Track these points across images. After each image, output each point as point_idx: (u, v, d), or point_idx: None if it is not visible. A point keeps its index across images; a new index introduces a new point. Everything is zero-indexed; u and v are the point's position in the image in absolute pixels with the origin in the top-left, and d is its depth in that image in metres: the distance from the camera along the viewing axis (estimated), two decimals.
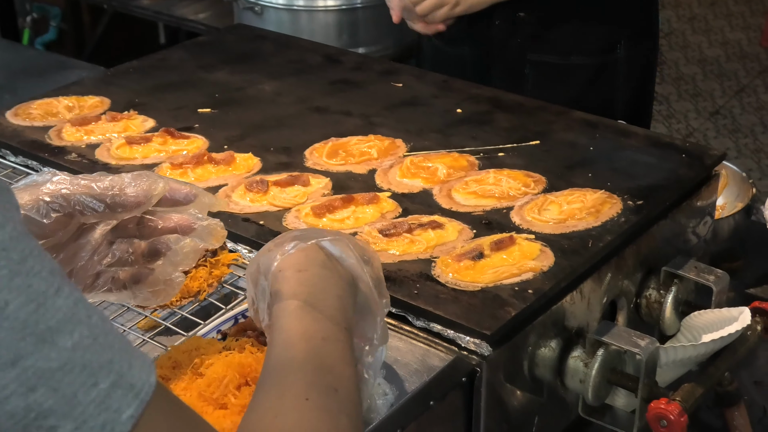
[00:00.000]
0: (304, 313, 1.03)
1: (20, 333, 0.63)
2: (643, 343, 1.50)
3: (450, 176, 1.77)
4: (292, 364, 0.97)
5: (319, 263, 1.10)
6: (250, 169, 1.82)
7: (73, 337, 0.66)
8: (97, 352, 0.66)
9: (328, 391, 0.96)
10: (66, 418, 0.64)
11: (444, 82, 2.19)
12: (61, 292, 0.67)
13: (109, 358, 0.67)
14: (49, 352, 0.64)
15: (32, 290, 0.65)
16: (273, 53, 2.35)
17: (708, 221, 1.86)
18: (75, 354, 0.65)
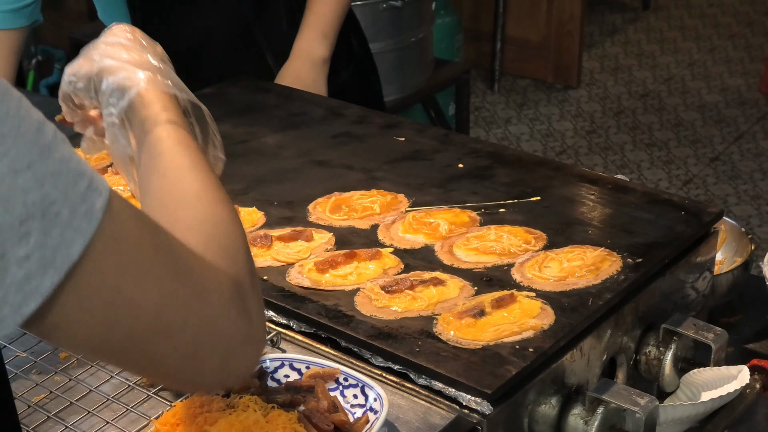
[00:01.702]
0: (177, 129, 1.29)
1: (30, 145, 0.86)
2: (642, 402, 1.51)
3: (452, 232, 1.80)
4: (181, 169, 1.24)
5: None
6: (254, 223, 1.84)
7: (60, 150, 0.88)
8: (76, 163, 0.89)
9: (216, 184, 1.22)
10: (64, 204, 0.87)
11: (445, 135, 2.22)
12: (46, 121, 0.89)
13: (83, 169, 0.90)
14: (48, 161, 0.87)
15: (32, 118, 0.88)
16: (275, 105, 2.37)
17: (707, 277, 1.88)
18: (63, 163, 0.88)
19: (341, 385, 1.44)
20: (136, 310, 0.95)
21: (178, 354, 1.01)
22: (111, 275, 0.92)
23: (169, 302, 0.98)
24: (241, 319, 1.07)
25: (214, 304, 1.04)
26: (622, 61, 6.71)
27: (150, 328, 0.97)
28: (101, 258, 0.91)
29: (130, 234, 0.95)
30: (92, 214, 0.89)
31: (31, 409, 1.45)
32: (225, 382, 1.21)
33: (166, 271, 0.98)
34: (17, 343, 1.58)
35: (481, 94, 6.24)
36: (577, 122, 5.92)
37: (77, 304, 0.91)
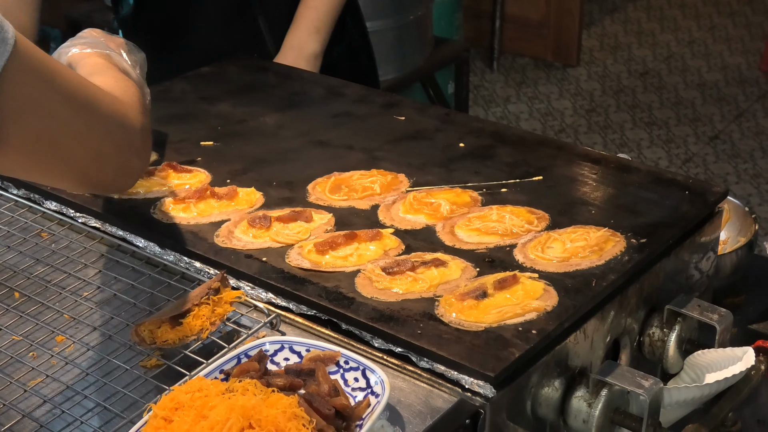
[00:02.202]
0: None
1: None
2: (647, 384, 1.49)
3: (453, 212, 1.77)
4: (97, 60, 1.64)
5: None
6: (253, 204, 1.82)
7: None
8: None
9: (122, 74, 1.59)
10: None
11: (446, 115, 2.20)
12: None
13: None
14: None
15: None
16: (275, 85, 2.35)
17: (711, 257, 1.86)
18: None
19: (342, 368, 1.41)
20: (54, 120, 1.24)
21: (87, 153, 1.33)
22: (28, 86, 1.18)
23: (76, 109, 1.28)
24: (128, 127, 1.41)
25: (109, 115, 1.36)
26: (622, 40, 6.68)
27: (63, 128, 1.26)
28: (17, 73, 1.15)
29: (37, 58, 1.20)
30: (6, 40, 1.13)
31: (27, 393, 1.43)
32: (122, 177, 1.47)
33: (72, 85, 1.27)
34: (12, 326, 1.56)
35: (480, 72, 6.22)
36: (576, 101, 5.90)
37: (8, 116, 1.16)
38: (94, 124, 1.32)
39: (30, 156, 1.25)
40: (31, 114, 1.20)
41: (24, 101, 1.18)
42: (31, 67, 1.19)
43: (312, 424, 1.27)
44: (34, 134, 1.21)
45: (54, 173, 1.34)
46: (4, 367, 1.48)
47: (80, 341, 1.53)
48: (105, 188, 1.56)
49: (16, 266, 1.71)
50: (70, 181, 1.41)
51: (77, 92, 1.29)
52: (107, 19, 4.46)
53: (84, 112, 1.29)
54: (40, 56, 1.21)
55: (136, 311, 1.59)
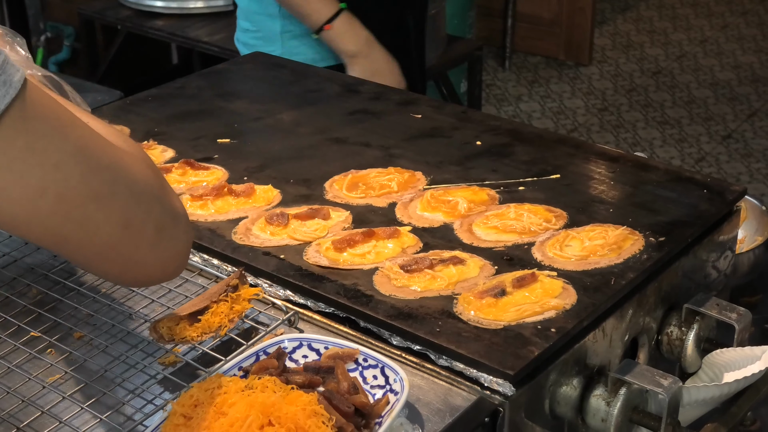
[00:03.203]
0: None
1: None
2: (666, 383, 1.49)
3: (471, 210, 1.77)
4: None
5: None
6: (270, 201, 1.82)
7: None
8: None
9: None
10: None
11: (463, 113, 2.19)
12: None
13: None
14: None
15: None
16: (291, 82, 2.35)
17: (729, 256, 1.85)
18: None
19: (361, 366, 1.41)
20: (62, 174, 1.07)
21: (111, 222, 1.13)
22: (31, 137, 1.04)
23: (94, 167, 1.10)
24: (164, 194, 1.20)
25: (136, 175, 1.16)
26: (634, 38, 6.67)
27: (79, 192, 1.09)
28: (19, 122, 1.02)
29: (48, 107, 1.07)
30: (10, 83, 1.01)
31: (46, 390, 1.43)
32: (162, 258, 1.22)
33: (88, 140, 1.10)
34: (31, 322, 1.56)
35: (492, 71, 6.21)
36: (588, 100, 5.89)
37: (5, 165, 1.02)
38: (119, 188, 1.13)
39: (33, 213, 1.08)
40: (32, 164, 1.05)
41: (23, 149, 1.04)
42: (37, 114, 1.05)
43: (332, 421, 1.27)
44: (35, 187, 1.06)
45: (69, 241, 1.14)
46: (23, 364, 1.48)
47: (98, 338, 1.53)
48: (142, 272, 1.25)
49: (33, 263, 1.71)
50: (93, 256, 1.18)
51: (98, 149, 1.12)
52: (120, 16, 4.47)
53: (106, 172, 1.12)
54: (53, 105, 1.09)
55: (155, 308, 1.59)
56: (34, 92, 1.06)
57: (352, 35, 2.61)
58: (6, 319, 1.57)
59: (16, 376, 1.46)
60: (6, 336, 1.54)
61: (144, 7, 4.43)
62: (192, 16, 4.39)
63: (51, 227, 1.10)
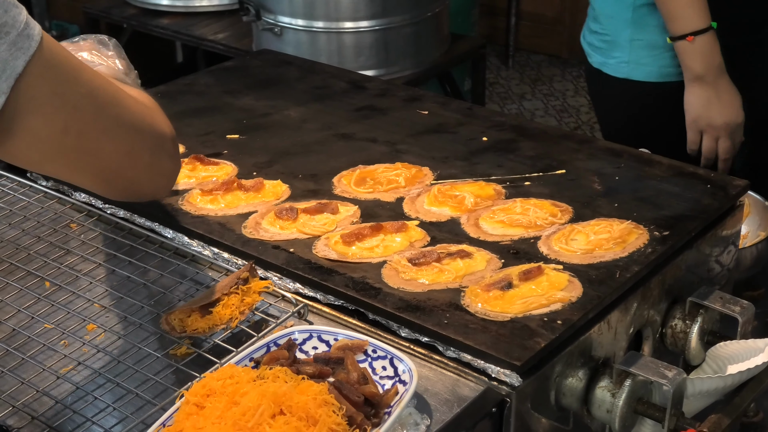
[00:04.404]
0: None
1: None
2: (670, 374, 1.51)
3: (477, 205, 1.79)
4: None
5: None
6: (279, 196, 1.84)
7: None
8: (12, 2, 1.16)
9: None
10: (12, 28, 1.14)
11: (468, 109, 2.21)
12: None
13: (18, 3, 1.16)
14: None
15: None
16: (298, 79, 2.37)
17: (732, 250, 1.87)
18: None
19: (370, 357, 1.43)
20: (80, 113, 1.24)
21: (118, 151, 1.32)
22: (54, 82, 1.20)
23: (106, 104, 1.28)
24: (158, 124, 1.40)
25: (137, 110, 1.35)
26: None
27: (94, 128, 1.27)
28: (43, 69, 1.18)
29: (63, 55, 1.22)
30: (32, 36, 1.16)
31: (59, 381, 1.45)
32: (155, 178, 1.44)
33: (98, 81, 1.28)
34: (43, 314, 1.58)
35: (495, 69, 6.22)
36: None
37: (33, 110, 1.18)
38: (122, 121, 1.32)
39: (58, 149, 1.26)
40: (57, 107, 1.21)
41: (49, 94, 1.20)
42: (55, 62, 1.21)
43: (342, 410, 1.29)
44: (60, 126, 1.22)
45: (84, 170, 1.33)
46: (37, 355, 1.50)
47: (111, 329, 1.55)
48: (139, 190, 1.46)
49: (46, 256, 1.73)
50: (102, 180, 1.38)
51: (103, 89, 1.29)
52: (126, 15, 4.48)
53: (111, 108, 1.30)
54: (66, 54, 1.23)
55: (166, 300, 1.61)
56: (50, 43, 1.20)
57: (707, 56, 2.48)
58: (19, 310, 1.60)
59: (30, 366, 1.48)
60: (20, 328, 1.56)
61: (149, 6, 4.44)
62: (197, 15, 4.40)
63: (72, 159, 1.29)
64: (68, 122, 1.23)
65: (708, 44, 2.46)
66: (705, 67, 2.48)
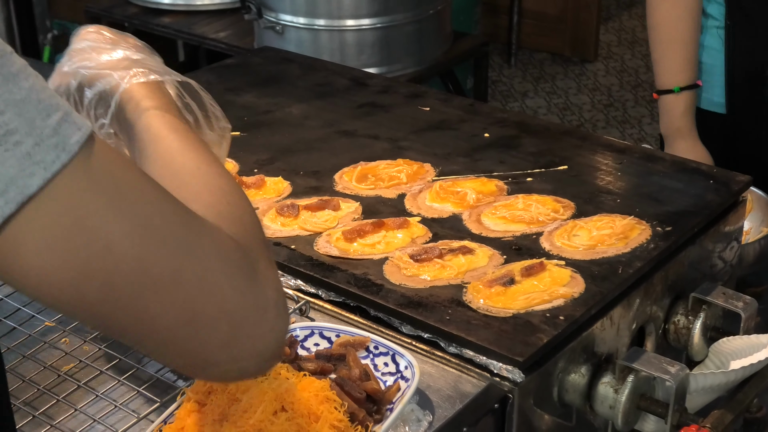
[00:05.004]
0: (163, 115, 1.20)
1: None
2: (673, 370, 1.51)
3: (479, 201, 1.79)
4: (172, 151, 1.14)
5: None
6: (281, 193, 1.84)
7: (29, 81, 0.83)
8: (48, 96, 0.85)
9: (211, 160, 1.12)
10: (28, 136, 0.82)
11: (470, 105, 2.21)
12: (15, 54, 0.85)
13: (56, 102, 0.85)
14: (12, 88, 0.82)
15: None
16: (300, 76, 2.37)
17: (735, 246, 1.87)
18: (32, 93, 0.83)
19: (372, 353, 1.43)
20: (113, 255, 0.86)
21: (172, 316, 0.90)
22: (80, 213, 0.85)
23: (154, 251, 0.88)
24: (248, 284, 0.94)
25: (212, 260, 0.92)
26: (640, 34, 6.67)
27: (132, 278, 0.88)
28: (68, 194, 0.84)
29: (110, 174, 0.88)
30: (63, 147, 0.84)
31: (60, 378, 1.45)
32: (238, 359, 0.97)
33: (153, 218, 0.89)
34: (45, 313, 1.58)
35: (497, 67, 6.22)
36: (594, 96, 5.90)
37: (44, 244, 0.84)
38: (183, 276, 0.91)
39: (79, 299, 0.89)
40: (80, 246, 0.86)
41: (71, 228, 0.85)
42: (93, 184, 0.86)
43: (344, 407, 1.29)
44: (82, 272, 0.87)
45: (119, 330, 0.93)
46: (38, 353, 1.50)
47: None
48: (215, 373, 1.04)
49: None
50: (149, 349, 0.99)
51: (161, 227, 0.90)
52: (127, 14, 4.48)
53: (169, 255, 0.90)
54: (115, 171, 0.89)
55: None
56: (98, 156, 0.87)
57: (666, 116, 2.56)
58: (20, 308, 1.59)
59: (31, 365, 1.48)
60: (21, 327, 1.56)
61: (151, 4, 4.44)
62: (198, 13, 4.40)
63: (97, 314, 0.91)
64: (92, 267, 0.87)
65: (667, 105, 2.52)
66: (665, 126, 2.57)
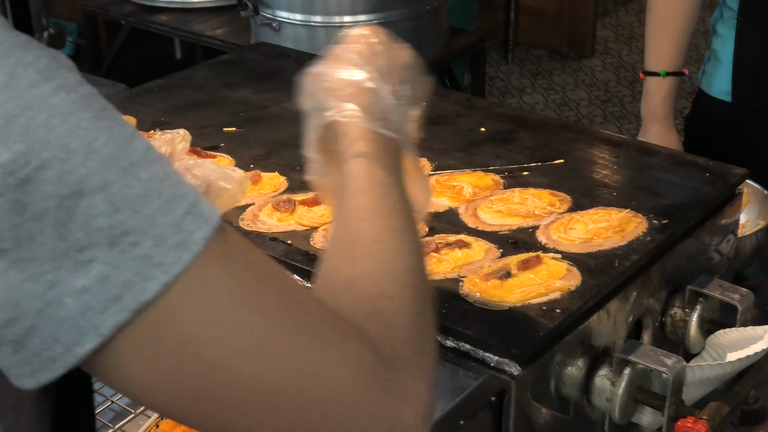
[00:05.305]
0: (370, 165, 1.11)
1: (107, 164, 0.75)
2: (669, 362, 1.51)
3: (475, 195, 1.79)
4: (360, 212, 1.05)
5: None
6: (277, 188, 1.84)
7: (150, 169, 0.76)
8: (171, 185, 0.77)
9: (395, 233, 1.02)
10: (146, 235, 0.75)
11: (467, 100, 2.21)
12: (136, 136, 0.78)
13: (181, 191, 0.78)
14: (130, 181, 0.75)
15: (114, 132, 0.76)
16: (296, 71, 2.34)
17: (731, 239, 1.87)
18: (152, 184, 0.76)
19: None
20: (228, 379, 0.79)
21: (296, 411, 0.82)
22: (194, 324, 0.77)
23: (273, 370, 0.80)
24: (382, 402, 0.85)
25: (342, 376, 0.83)
26: (637, 30, 6.68)
27: (246, 400, 0.80)
28: (185, 300, 0.77)
29: (233, 275, 0.80)
30: (186, 246, 0.76)
31: None
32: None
33: (273, 331, 0.81)
34: None
35: (495, 63, 6.23)
36: (591, 91, 5.91)
37: (149, 357, 0.77)
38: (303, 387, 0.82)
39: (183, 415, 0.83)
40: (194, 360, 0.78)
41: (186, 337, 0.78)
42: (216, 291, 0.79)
43: None
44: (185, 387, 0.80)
45: None
46: None
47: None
48: None
49: None
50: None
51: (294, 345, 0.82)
52: (124, 12, 4.48)
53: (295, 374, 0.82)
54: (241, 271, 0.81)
55: None
56: (222, 253, 0.80)
57: (647, 97, 2.62)
58: None
59: None
60: None
61: (147, 2, 4.44)
62: (195, 11, 4.40)
63: (204, 426, 0.83)
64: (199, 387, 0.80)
65: (650, 87, 2.59)
66: (644, 108, 2.61)
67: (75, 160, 0.74)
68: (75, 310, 0.74)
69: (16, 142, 0.72)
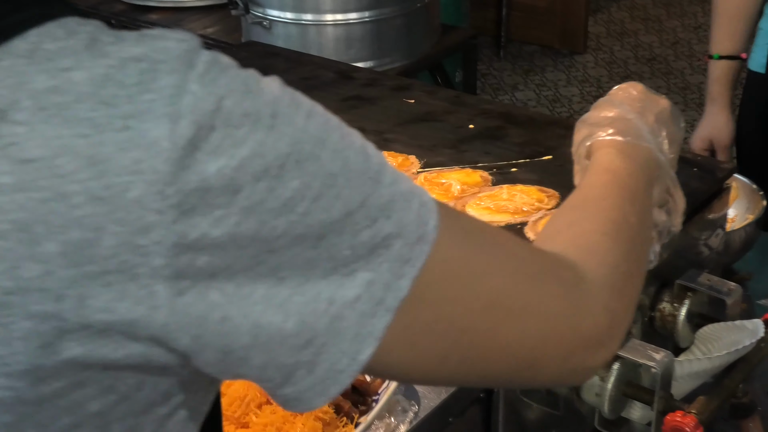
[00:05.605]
0: (618, 154, 1.24)
1: (362, 180, 0.79)
2: (658, 357, 1.51)
3: (464, 192, 1.79)
4: (597, 185, 1.17)
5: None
6: None
7: (388, 175, 0.81)
8: (404, 183, 0.82)
9: (625, 205, 1.14)
10: (396, 237, 0.79)
11: (456, 97, 2.21)
12: (367, 144, 0.84)
13: (410, 187, 0.83)
14: (380, 190, 0.79)
15: (356, 145, 0.82)
16: (285, 70, 2.37)
17: (720, 233, 1.87)
18: (393, 188, 0.81)
19: None
20: (468, 337, 0.88)
21: (512, 369, 0.96)
22: (443, 306, 0.85)
23: (503, 321, 0.90)
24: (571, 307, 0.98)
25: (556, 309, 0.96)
26: (629, 26, 6.69)
27: (482, 352, 0.91)
28: (431, 288, 0.83)
29: (458, 259, 0.86)
30: (425, 238, 0.82)
31: None
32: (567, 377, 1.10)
33: (503, 289, 0.90)
34: None
35: (487, 60, 6.23)
36: (583, 87, 5.91)
37: (409, 342, 0.84)
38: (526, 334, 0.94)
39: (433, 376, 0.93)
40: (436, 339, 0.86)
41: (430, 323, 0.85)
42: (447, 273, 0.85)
43: None
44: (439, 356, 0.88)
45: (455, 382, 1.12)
46: None
47: None
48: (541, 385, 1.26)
49: None
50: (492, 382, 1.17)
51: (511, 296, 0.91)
52: (114, 11, 4.48)
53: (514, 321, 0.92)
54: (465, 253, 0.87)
55: None
56: (447, 232, 0.85)
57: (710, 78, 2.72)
58: None
59: None
60: None
61: (138, 1, 4.44)
62: (186, 10, 4.40)
63: (451, 381, 1.10)
64: (448, 351, 0.88)
65: (709, 68, 2.70)
66: (708, 88, 2.72)
67: (340, 183, 0.78)
68: (354, 320, 0.79)
69: (292, 179, 0.76)
